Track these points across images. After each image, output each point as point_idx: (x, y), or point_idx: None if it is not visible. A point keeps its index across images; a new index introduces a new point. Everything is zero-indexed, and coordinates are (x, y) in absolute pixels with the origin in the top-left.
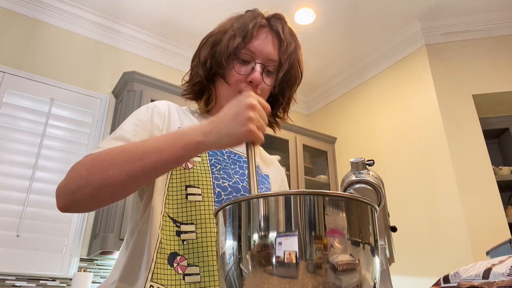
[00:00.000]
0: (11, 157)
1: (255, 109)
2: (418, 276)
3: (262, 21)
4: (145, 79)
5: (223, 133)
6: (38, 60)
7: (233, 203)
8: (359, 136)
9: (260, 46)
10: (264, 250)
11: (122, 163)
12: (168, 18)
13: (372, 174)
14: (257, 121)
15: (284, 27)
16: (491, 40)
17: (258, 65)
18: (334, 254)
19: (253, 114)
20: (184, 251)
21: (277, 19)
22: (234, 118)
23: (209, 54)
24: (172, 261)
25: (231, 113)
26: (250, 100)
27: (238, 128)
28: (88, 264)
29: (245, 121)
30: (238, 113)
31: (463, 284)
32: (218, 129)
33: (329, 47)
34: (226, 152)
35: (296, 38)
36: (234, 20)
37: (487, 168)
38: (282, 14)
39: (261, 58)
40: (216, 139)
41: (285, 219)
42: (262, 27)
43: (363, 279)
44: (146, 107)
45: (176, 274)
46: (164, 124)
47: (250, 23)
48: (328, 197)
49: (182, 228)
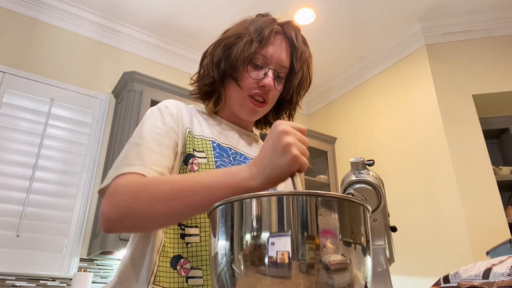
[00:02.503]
0: (11, 157)
1: (289, 133)
2: (418, 276)
3: (277, 28)
4: (145, 79)
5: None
6: (38, 60)
7: (226, 203)
8: (359, 136)
9: (275, 52)
10: (257, 250)
11: (169, 198)
12: (168, 18)
13: (372, 174)
14: (298, 145)
15: (297, 35)
16: (491, 40)
17: (271, 71)
18: (326, 254)
19: (291, 139)
20: (188, 254)
21: (291, 27)
22: (274, 150)
23: (223, 56)
24: (175, 264)
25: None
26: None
27: (281, 158)
28: (88, 264)
29: (285, 149)
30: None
31: (463, 284)
32: (264, 167)
33: (329, 47)
34: (232, 154)
35: (308, 47)
36: (247, 23)
37: (487, 168)
38: (295, 22)
39: (274, 64)
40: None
41: (277, 219)
42: (277, 33)
43: (355, 278)
44: (158, 110)
45: (179, 276)
46: (179, 126)
47: (266, 29)
48: (321, 197)
49: (186, 231)
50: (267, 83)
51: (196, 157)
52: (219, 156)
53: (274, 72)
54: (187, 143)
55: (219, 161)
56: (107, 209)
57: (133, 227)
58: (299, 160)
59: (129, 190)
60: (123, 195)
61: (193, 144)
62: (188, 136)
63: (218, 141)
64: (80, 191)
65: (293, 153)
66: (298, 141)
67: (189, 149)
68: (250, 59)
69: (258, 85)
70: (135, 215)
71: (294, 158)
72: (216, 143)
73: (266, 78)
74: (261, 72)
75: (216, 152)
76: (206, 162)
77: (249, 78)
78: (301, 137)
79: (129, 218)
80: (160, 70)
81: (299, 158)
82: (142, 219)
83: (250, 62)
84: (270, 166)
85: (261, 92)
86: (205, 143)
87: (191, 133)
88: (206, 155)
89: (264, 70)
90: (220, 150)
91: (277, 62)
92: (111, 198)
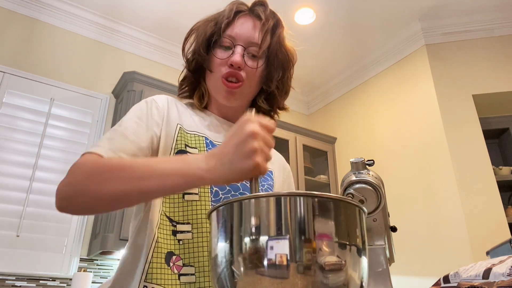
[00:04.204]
0: (11, 157)
1: (257, 136)
2: (418, 276)
3: (241, 7)
4: (145, 79)
5: (227, 168)
6: (38, 60)
7: (226, 204)
8: (359, 136)
9: (240, 30)
10: (256, 251)
11: (120, 180)
12: (168, 18)
13: (372, 174)
14: (262, 151)
15: (265, 10)
16: (491, 40)
17: (238, 47)
18: (322, 255)
19: (257, 144)
20: (179, 251)
21: (259, 5)
22: (237, 150)
23: (195, 47)
24: (168, 261)
25: (233, 144)
26: (250, 127)
27: (242, 162)
28: (88, 264)
29: (249, 154)
30: (240, 143)
31: (463, 284)
32: (222, 163)
33: (329, 47)
34: None
35: (278, 18)
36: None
37: (487, 168)
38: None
39: (242, 41)
40: (219, 175)
41: (275, 220)
42: (241, 12)
43: (350, 278)
44: (145, 103)
45: (172, 273)
46: (163, 120)
47: (228, 10)
48: (318, 198)
49: (178, 228)
50: (234, 59)
51: (189, 153)
52: None
53: (242, 49)
54: (178, 139)
55: None
56: (61, 186)
57: (83, 207)
58: (260, 167)
59: (82, 169)
60: (76, 173)
61: (186, 140)
62: (179, 132)
63: (211, 138)
64: None
65: (256, 160)
66: (264, 145)
67: (181, 145)
68: (216, 41)
69: (227, 64)
70: (84, 194)
71: (255, 166)
72: (209, 140)
73: (234, 55)
74: (229, 52)
75: (209, 148)
76: None
77: (218, 60)
78: (268, 140)
79: (78, 197)
80: (160, 70)
81: (261, 166)
82: (90, 199)
83: (218, 46)
84: (229, 164)
85: (232, 71)
86: (198, 139)
87: (182, 128)
88: (199, 152)
89: (232, 50)
90: (212, 147)
91: (243, 38)
92: (67, 176)
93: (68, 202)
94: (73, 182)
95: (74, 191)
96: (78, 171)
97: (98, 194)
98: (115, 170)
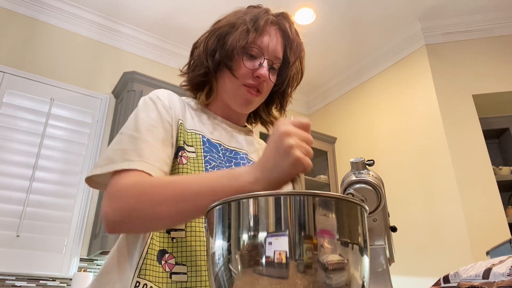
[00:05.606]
0: (11, 157)
1: (291, 134)
2: (418, 276)
3: (272, 18)
4: (145, 79)
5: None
6: (38, 60)
7: (223, 203)
8: (359, 136)
9: (270, 43)
10: (254, 250)
11: (173, 201)
12: (168, 18)
13: (372, 174)
14: (300, 146)
15: (291, 27)
16: (491, 40)
17: (266, 61)
18: (324, 254)
19: (293, 141)
20: (172, 249)
21: (284, 18)
22: (277, 152)
23: (217, 46)
24: (160, 259)
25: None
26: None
27: (284, 161)
28: (88, 264)
29: (287, 152)
30: (278, 146)
31: (463, 284)
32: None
33: (329, 47)
34: (222, 150)
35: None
36: (241, 14)
37: (487, 168)
38: (288, 13)
39: (269, 55)
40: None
41: (275, 219)
42: (272, 24)
43: (352, 278)
44: (151, 101)
45: (164, 272)
46: (172, 118)
47: (262, 19)
48: (318, 197)
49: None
50: (263, 73)
51: (186, 151)
52: (209, 151)
53: (269, 63)
54: (179, 135)
55: (208, 155)
56: (111, 211)
57: (137, 228)
58: (302, 162)
59: (132, 192)
60: (126, 197)
61: (184, 137)
62: (180, 128)
63: (208, 137)
64: (80, 191)
65: (296, 155)
66: (301, 141)
67: (180, 142)
68: (245, 49)
69: (253, 75)
70: (139, 217)
71: (296, 160)
72: (206, 138)
73: (262, 68)
74: (256, 62)
75: (206, 147)
76: (195, 156)
77: (244, 68)
78: (304, 135)
79: (133, 220)
80: (160, 70)
81: (302, 160)
82: (146, 221)
83: (245, 52)
84: (273, 169)
85: (256, 83)
86: (196, 137)
87: (182, 125)
88: (195, 150)
89: (259, 60)
90: (209, 145)
91: (272, 53)
92: (114, 200)
93: (123, 225)
94: (126, 206)
95: (128, 214)
96: (128, 193)
97: (155, 216)
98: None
